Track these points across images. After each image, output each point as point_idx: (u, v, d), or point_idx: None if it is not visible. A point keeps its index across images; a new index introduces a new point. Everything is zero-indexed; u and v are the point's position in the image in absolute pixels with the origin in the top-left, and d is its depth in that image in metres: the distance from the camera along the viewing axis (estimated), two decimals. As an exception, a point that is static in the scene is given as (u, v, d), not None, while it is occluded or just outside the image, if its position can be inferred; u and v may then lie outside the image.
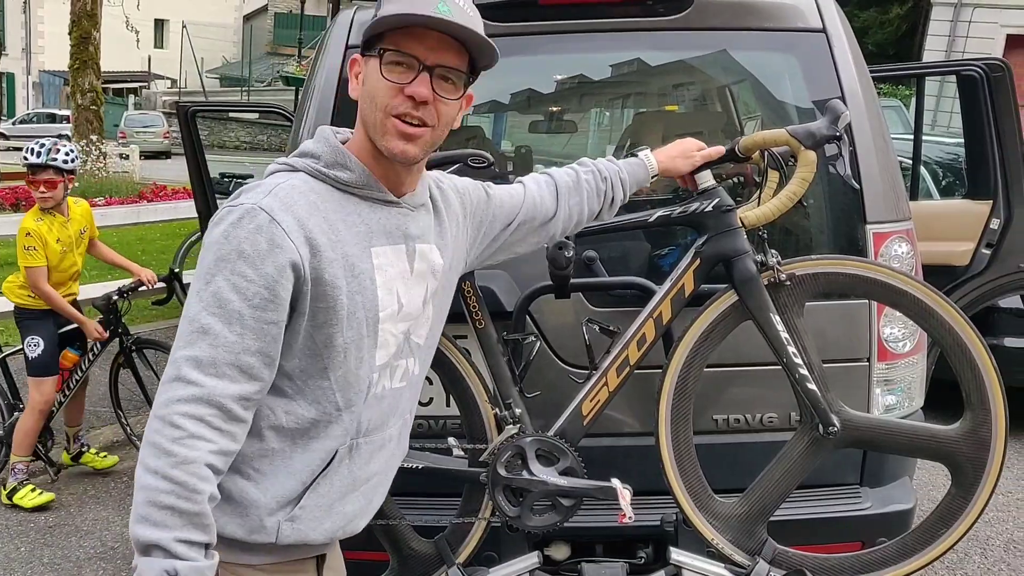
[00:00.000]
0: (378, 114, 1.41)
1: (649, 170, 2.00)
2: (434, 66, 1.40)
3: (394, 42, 1.40)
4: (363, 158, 1.46)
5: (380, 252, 1.45)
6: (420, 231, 1.55)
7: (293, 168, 1.46)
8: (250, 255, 1.31)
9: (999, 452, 2.01)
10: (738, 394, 2.39)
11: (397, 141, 1.41)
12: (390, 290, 1.46)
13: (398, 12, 1.39)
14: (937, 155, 5.65)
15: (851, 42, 2.47)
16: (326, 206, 1.41)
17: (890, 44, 21.32)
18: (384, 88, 1.40)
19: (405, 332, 1.52)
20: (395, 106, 1.40)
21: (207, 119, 25.96)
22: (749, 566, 2.10)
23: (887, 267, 2.14)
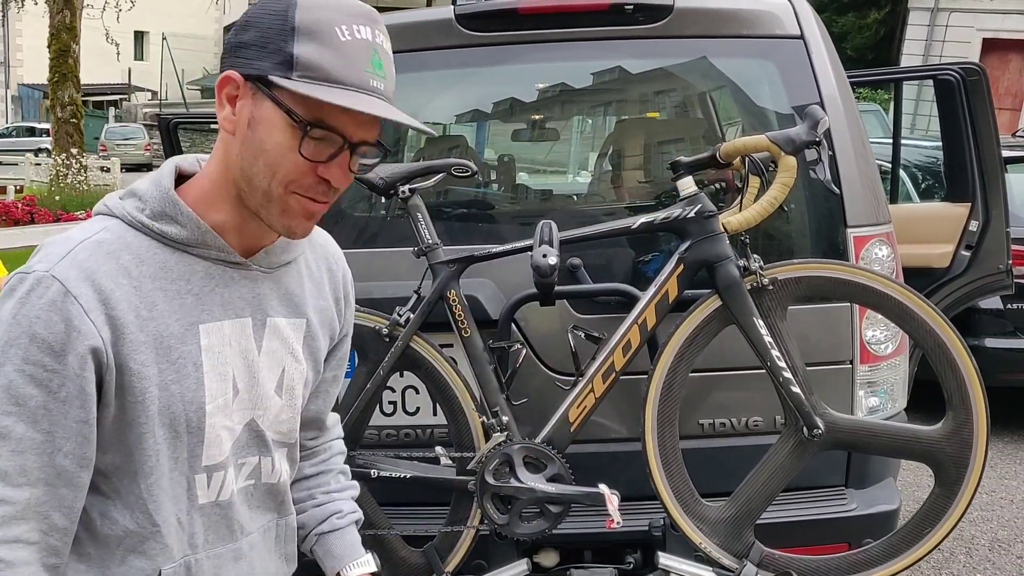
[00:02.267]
0: (276, 187, 1.11)
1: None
2: (358, 143, 1.11)
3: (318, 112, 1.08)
4: (215, 205, 1.16)
5: (212, 329, 1.16)
6: (278, 299, 1.24)
7: (111, 213, 1.16)
8: (45, 340, 1.04)
9: (981, 451, 2.04)
10: (723, 398, 2.41)
11: (299, 221, 1.14)
12: (223, 375, 1.17)
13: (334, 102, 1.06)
14: (916, 158, 5.70)
15: (829, 48, 2.49)
16: (141, 270, 1.11)
17: (868, 49, 21.49)
18: (294, 164, 1.09)
19: (248, 424, 1.23)
20: (304, 185, 1.11)
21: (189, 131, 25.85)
22: (737, 569, 2.12)
23: (868, 270, 2.16)
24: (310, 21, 1.07)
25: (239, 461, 1.23)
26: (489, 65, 2.64)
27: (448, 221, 2.56)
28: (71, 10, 14.54)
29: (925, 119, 16.70)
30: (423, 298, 2.22)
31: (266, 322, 1.22)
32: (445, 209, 2.65)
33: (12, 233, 10.62)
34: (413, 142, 3.33)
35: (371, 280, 2.40)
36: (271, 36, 1.08)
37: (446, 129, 3.35)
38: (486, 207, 2.94)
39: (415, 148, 3.29)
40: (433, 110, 3.04)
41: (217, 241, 1.16)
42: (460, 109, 3.03)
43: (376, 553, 2.27)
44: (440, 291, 2.21)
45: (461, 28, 2.48)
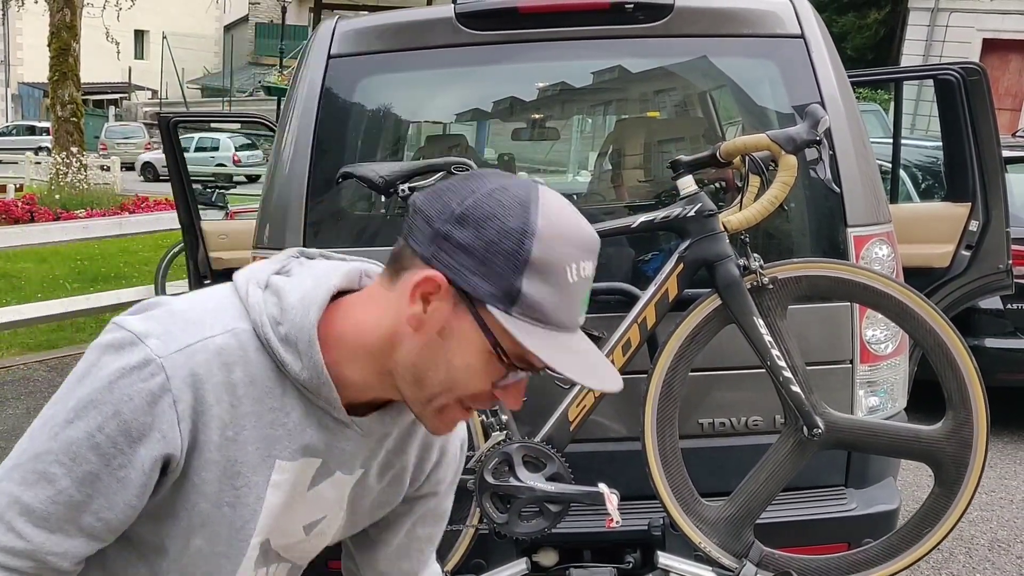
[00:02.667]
0: (447, 398, 1.04)
1: None
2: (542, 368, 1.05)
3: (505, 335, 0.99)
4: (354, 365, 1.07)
5: (286, 467, 1.09)
6: (359, 460, 1.16)
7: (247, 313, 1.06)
8: (127, 424, 0.99)
9: (981, 451, 2.04)
10: (723, 398, 2.40)
11: (448, 427, 1.10)
12: (273, 513, 1.11)
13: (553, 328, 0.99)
14: (916, 158, 5.70)
15: (829, 47, 2.49)
16: (247, 391, 1.04)
17: (868, 49, 21.48)
18: (479, 389, 1.03)
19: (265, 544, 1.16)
20: (475, 399, 1.06)
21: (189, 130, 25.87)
22: (736, 568, 2.11)
23: (868, 270, 2.16)
24: (545, 257, 0.97)
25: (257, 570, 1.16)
26: (489, 64, 2.64)
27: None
28: (71, 9, 14.52)
29: (925, 119, 16.70)
30: (423, 297, 2.22)
31: (334, 472, 1.14)
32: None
33: (12, 232, 10.61)
34: (413, 141, 3.33)
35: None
36: (498, 258, 0.96)
37: (446, 128, 3.35)
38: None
39: (415, 147, 3.28)
40: (433, 109, 3.04)
41: (332, 396, 1.07)
42: (460, 108, 3.03)
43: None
44: (440, 290, 2.21)
45: (461, 27, 2.48)
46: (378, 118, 2.81)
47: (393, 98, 2.80)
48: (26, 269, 9.08)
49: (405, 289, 1.01)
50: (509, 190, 0.98)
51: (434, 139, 3.27)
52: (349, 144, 2.62)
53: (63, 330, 6.73)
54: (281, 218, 2.45)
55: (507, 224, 0.96)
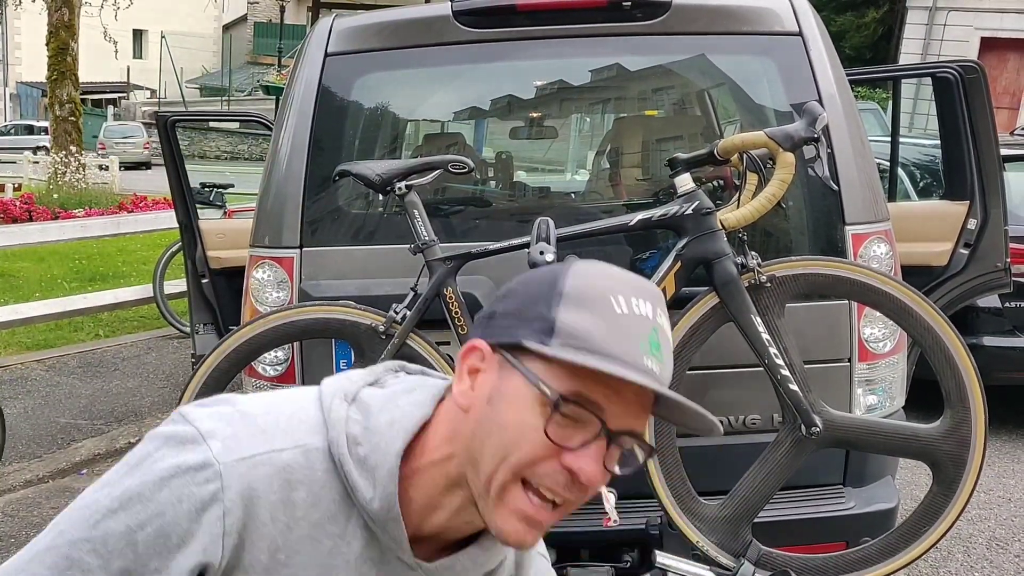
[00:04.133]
0: (503, 473, 0.90)
1: None
2: (620, 432, 0.91)
3: (578, 383, 0.89)
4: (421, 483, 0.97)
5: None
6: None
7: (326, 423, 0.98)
8: (169, 528, 0.91)
9: (979, 450, 2.03)
10: (721, 396, 2.40)
11: (516, 524, 0.92)
12: None
13: (605, 357, 0.88)
14: (914, 157, 5.70)
15: (827, 45, 2.49)
16: (307, 513, 0.95)
17: (867, 48, 21.48)
18: (534, 445, 0.89)
19: None
20: (538, 474, 0.90)
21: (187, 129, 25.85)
22: (734, 567, 2.11)
23: (866, 268, 2.16)
24: (582, 287, 0.92)
25: None
26: (487, 62, 2.63)
27: (445, 218, 2.56)
28: (69, 8, 14.50)
29: (923, 117, 16.69)
30: (420, 295, 2.21)
31: None
32: (442, 206, 2.64)
33: (10, 231, 10.60)
34: (410, 139, 3.32)
35: (368, 277, 2.39)
36: (534, 302, 0.92)
37: (444, 126, 3.34)
38: (483, 204, 2.93)
39: (412, 145, 3.28)
40: (431, 107, 3.04)
41: (399, 534, 0.96)
42: (458, 106, 3.02)
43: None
44: (437, 288, 2.21)
45: (459, 24, 2.47)
46: (375, 116, 2.80)
47: (390, 96, 2.80)
48: (24, 268, 9.08)
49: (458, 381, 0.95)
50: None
51: (431, 137, 3.26)
52: (346, 142, 2.61)
53: (61, 329, 6.73)
54: (278, 216, 2.44)
55: (543, 275, 0.95)
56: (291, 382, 2.46)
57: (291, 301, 2.42)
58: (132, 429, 4.80)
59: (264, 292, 2.47)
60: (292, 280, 2.42)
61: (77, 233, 7.12)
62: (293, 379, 2.46)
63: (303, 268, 2.42)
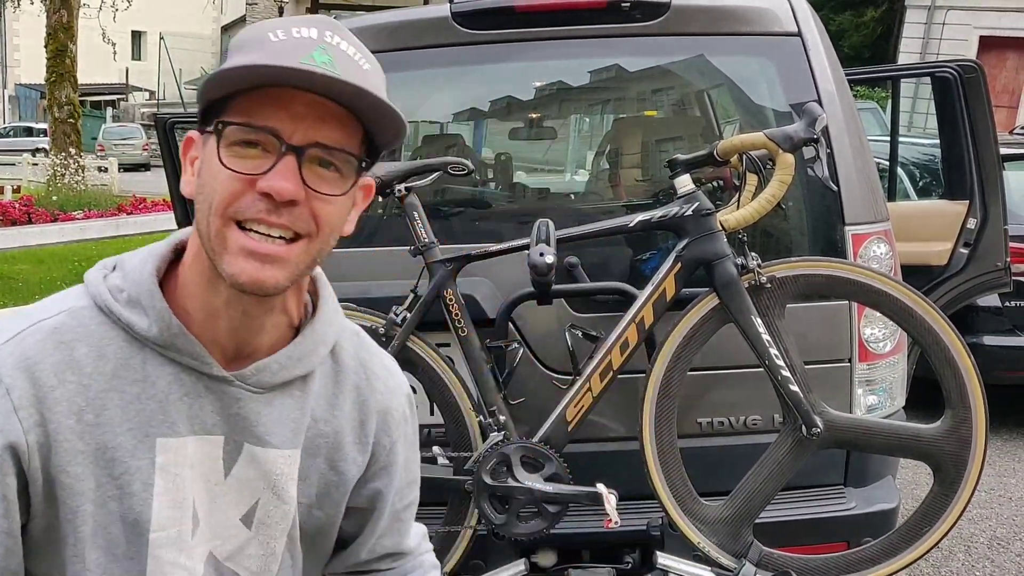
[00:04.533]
0: (214, 221, 0.92)
1: None
2: (305, 145, 0.92)
3: (242, 110, 0.91)
4: (190, 289, 0.98)
5: (172, 446, 0.97)
6: (265, 424, 1.02)
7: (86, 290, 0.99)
8: None
9: (980, 449, 2.03)
10: (721, 397, 2.40)
11: (243, 263, 0.92)
12: (178, 502, 0.98)
13: (247, 63, 0.89)
14: (914, 156, 5.70)
15: (826, 45, 2.49)
16: (97, 366, 0.94)
17: (866, 47, 21.48)
18: (224, 182, 0.91)
19: (209, 559, 1.02)
20: (240, 209, 0.91)
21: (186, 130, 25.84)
22: (735, 568, 2.11)
23: (866, 268, 2.16)
24: (242, 35, 0.95)
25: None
26: (486, 63, 2.63)
27: (445, 220, 2.55)
28: (68, 10, 14.51)
29: (922, 117, 16.70)
30: (420, 297, 2.21)
31: (243, 446, 1.02)
32: (442, 208, 2.64)
33: (9, 233, 10.59)
34: (410, 140, 3.32)
35: (368, 279, 2.39)
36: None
37: (443, 128, 3.34)
38: (483, 206, 2.93)
39: (412, 147, 3.28)
40: (430, 109, 3.04)
41: (191, 347, 0.97)
42: (457, 108, 3.02)
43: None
44: (437, 290, 2.20)
45: (457, 26, 2.47)
46: (374, 118, 2.80)
47: (389, 98, 2.79)
48: (23, 271, 9.07)
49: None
50: None
51: (431, 139, 3.26)
52: (345, 144, 2.60)
53: (60, 332, 6.71)
54: (277, 219, 2.44)
55: None
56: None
57: (291, 303, 2.41)
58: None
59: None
60: (292, 282, 2.41)
61: (76, 235, 7.14)
62: (293, 381, 2.45)
63: (303, 270, 2.41)
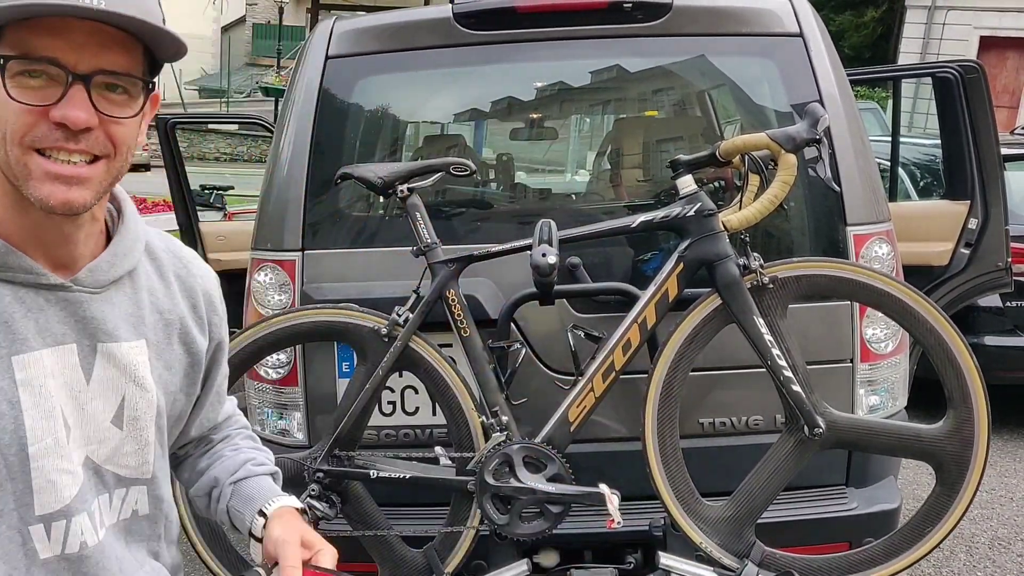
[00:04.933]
0: (13, 150, 0.97)
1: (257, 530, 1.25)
2: (91, 73, 0.98)
3: (20, 43, 0.95)
4: (2, 217, 1.02)
5: (29, 361, 1.01)
6: (112, 321, 1.08)
7: None
8: None
9: (982, 450, 2.03)
10: (723, 397, 2.40)
11: (51, 187, 0.98)
12: (47, 412, 1.02)
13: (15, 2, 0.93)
14: (915, 156, 5.70)
15: (828, 46, 2.49)
16: None
17: (866, 47, 21.47)
18: (16, 113, 0.96)
19: (87, 462, 1.07)
20: (38, 138, 0.97)
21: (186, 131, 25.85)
22: (738, 569, 2.11)
23: (868, 268, 2.16)
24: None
25: (91, 507, 1.07)
26: (487, 64, 2.63)
27: (447, 220, 2.56)
28: (68, 10, 14.51)
29: (922, 117, 16.70)
30: (422, 298, 2.21)
31: (96, 348, 1.07)
32: (444, 208, 2.64)
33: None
34: (411, 141, 3.32)
35: (370, 280, 2.40)
36: None
37: (444, 128, 3.34)
38: (485, 206, 2.93)
39: (413, 147, 3.28)
40: (431, 109, 3.04)
41: (21, 261, 1.01)
42: (458, 108, 3.02)
43: (376, 554, 2.27)
44: (439, 290, 2.21)
45: (459, 27, 2.47)
46: (376, 118, 2.80)
47: (391, 98, 2.80)
48: (24, 271, 9.04)
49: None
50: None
51: (432, 139, 3.26)
52: (347, 145, 2.61)
53: (61, 332, 6.70)
54: (280, 219, 2.44)
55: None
56: (293, 385, 2.46)
57: (293, 304, 2.42)
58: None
59: (266, 295, 2.47)
60: (294, 283, 2.42)
61: (77, 236, 7.10)
62: (295, 382, 2.46)
63: (305, 271, 2.41)
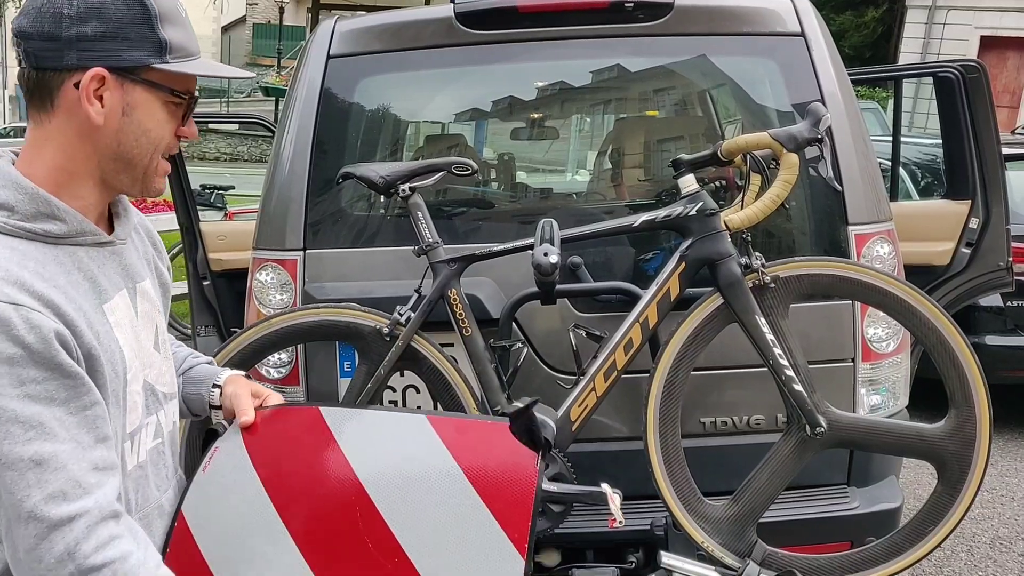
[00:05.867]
0: (154, 155, 1.25)
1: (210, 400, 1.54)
2: (195, 98, 1.29)
3: (174, 79, 1.23)
4: (76, 192, 1.22)
5: (113, 307, 1.24)
6: (136, 265, 1.35)
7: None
8: (18, 355, 1.07)
9: (984, 449, 2.03)
10: (725, 396, 2.40)
11: (163, 180, 1.30)
12: (130, 345, 1.26)
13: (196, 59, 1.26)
14: (915, 156, 5.70)
15: (830, 45, 2.49)
16: (47, 270, 1.15)
17: (866, 47, 21.46)
18: (167, 129, 1.25)
19: (144, 386, 1.30)
20: (171, 147, 1.27)
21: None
22: (739, 568, 2.11)
23: (870, 268, 2.16)
24: (164, 6, 1.20)
25: (146, 421, 1.31)
26: (489, 63, 2.64)
27: (448, 220, 2.56)
28: (68, 10, 14.50)
29: (922, 117, 16.70)
30: (424, 297, 2.21)
31: (136, 288, 1.32)
32: (445, 208, 2.64)
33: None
34: (412, 141, 3.32)
35: (371, 279, 2.40)
36: (134, 28, 1.18)
37: (445, 128, 3.34)
38: (486, 206, 2.93)
39: (415, 146, 3.28)
40: (433, 109, 3.04)
41: (91, 227, 1.23)
42: (460, 108, 3.02)
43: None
44: (441, 290, 2.21)
45: (461, 26, 2.47)
46: (378, 118, 2.80)
47: (393, 98, 2.80)
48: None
49: (71, 104, 1.17)
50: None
51: (434, 139, 3.26)
52: (349, 144, 2.61)
53: (62, 332, 6.70)
54: (281, 218, 2.44)
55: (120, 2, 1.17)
56: (295, 384, 2.46)
57: (294, 303, 2.42)
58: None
59: (267, 294, 2.47)
60: (295, 282, 2.42)
61: (78, 235, 7.09)
62: (297, 381, 2.46)
63: (306, 270, 2.42)
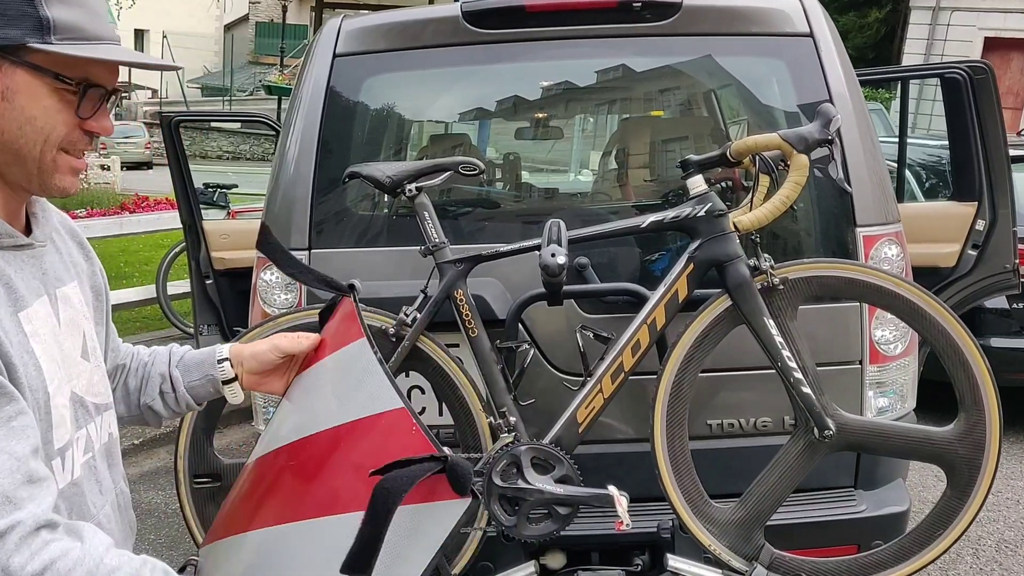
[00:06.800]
0: (48, 151, 1.12)
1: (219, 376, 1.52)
2: (113, 91, 1.17)
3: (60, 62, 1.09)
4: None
5: (30, 315, 1.14)
6: (57, 269, 1.25)
7: None
8: None
9: (994, 453, 2.02)
10: (733, 398, 2.39)
11: (71, 179, 1.17)
12: (51, 356, 1.16)
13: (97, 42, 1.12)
14: (921, 158, 5.69)
15: (838, 46, 2.48)
16: None
17: (869, 48, 21.44)
18: (66, 124, 1.12)
19: (73, 398, 1.22)
20: (73, 142, 1.14)
21: (188, 129, 25.85)
22: (746, 571, 2.10)
23: (878, 270, 2.14)
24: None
25: (76, 436, 1.22)
26: (495, 63, 2.62)
27: (455, 220, 2.55)
28: (71, 8, 14.51)
29: (926, 118, 16.67)
30: (430, 297, 2.20)
31: (56, 294, 1.22)
32: (452, 208, 2.63)
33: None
34: (418, 140, 3.31)
35: (377, 279, 2.39)
36: (11, 2, 1.06)
37: (451, 127, 3.33)
38: (493, 206, 2.92)
39: (421, 146, 3.27)
40: (439, 108, 3.03)
41: (6, 227, 1.15)
42: (466, 107, 3.01)
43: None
44: (447, 290, 2.19)
45: (468, 25, 2.46)
46: (383, 117, 2.79)
47: (398, 97, 2.79)
48: (27, 269, 9.05)
49: None
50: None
51: (439, 138, 3.25)
52: (355, 143, 2.60)
53: (64, 330, 6.70)
54: (287, 218, 2.43)
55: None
56: (300, 384, 2.44)
57: (299, 303, 2.41)
58: (135, 431, 4.79)
59: (272, 294, 2.46)
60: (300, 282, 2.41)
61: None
62: (302, 381, 2.44)
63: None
